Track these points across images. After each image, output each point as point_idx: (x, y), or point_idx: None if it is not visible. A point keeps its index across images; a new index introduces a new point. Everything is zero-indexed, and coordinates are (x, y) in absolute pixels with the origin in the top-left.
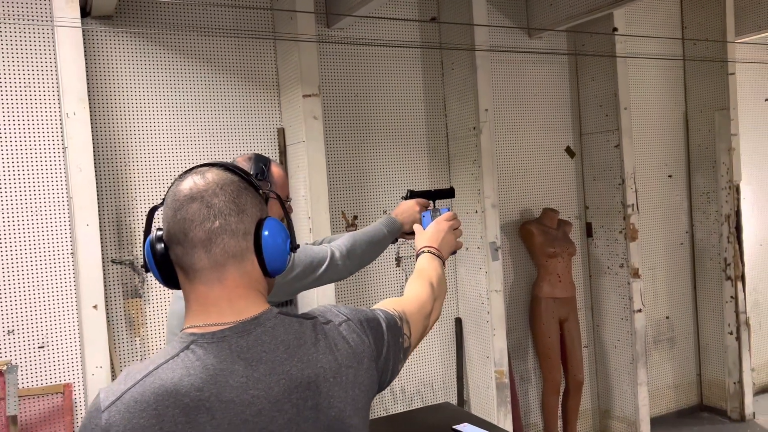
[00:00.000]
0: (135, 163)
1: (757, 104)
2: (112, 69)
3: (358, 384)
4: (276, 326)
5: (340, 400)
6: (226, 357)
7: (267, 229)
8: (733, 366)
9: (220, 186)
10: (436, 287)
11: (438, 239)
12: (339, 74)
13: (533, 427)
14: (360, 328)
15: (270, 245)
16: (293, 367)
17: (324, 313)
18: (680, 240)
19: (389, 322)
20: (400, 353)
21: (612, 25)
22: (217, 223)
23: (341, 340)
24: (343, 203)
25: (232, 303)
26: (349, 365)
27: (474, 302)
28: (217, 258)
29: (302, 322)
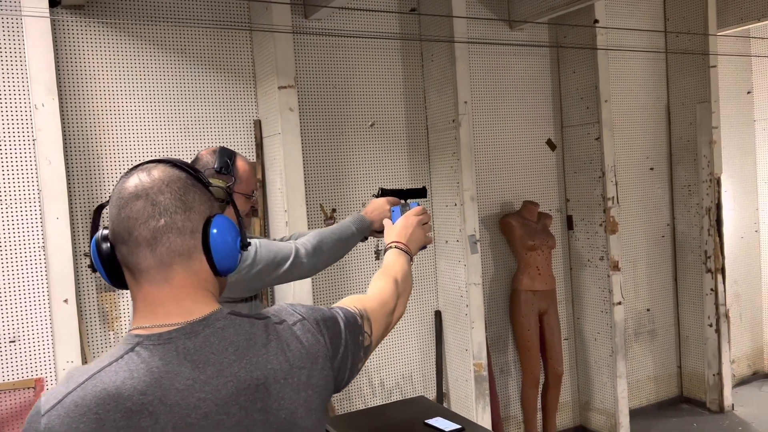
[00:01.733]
0: (107, 155)
1: (739, 97)
2: (83, 60)
3: (311, 385)
4: (225, 327)
5: (292, 401)
6: (172, 359)
7: (216, 226)
8: (712, 358)
9: (166, 183)
10: (400, 284)
11: (406, 234)
12: (317, 66)
13: (513, 419)
14: (315, 328)
15: (219, 243)
16: (242, 368)
17: (278, 313)
18: (661, 232)
19: (348, 320)
20: (360, 351)
21: (593, 17)
22: (162, 221)
23: (294, 340)
24: (321, 196)
25: (180, 303)
26: (302, 366)
27: (453, 295)
28: (162, 257)
29: (254, 323)
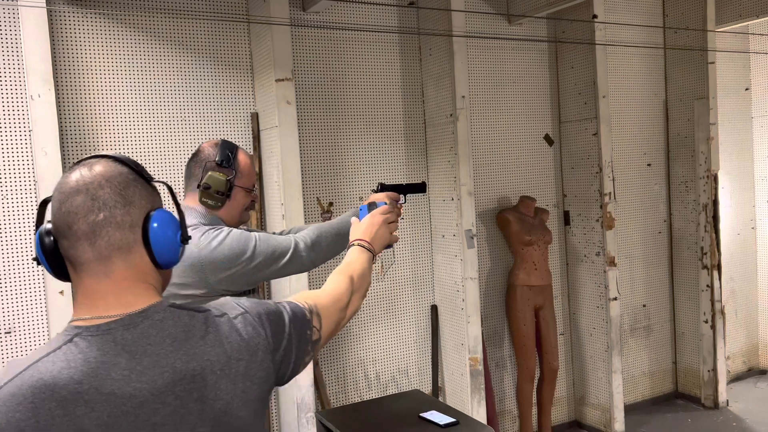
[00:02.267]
0: (103, 146)
1: (737, 93)
2: (80, 50)
3: (249, 376)
4: (164, 319)
5: (228, 392)
6: (109, 350)
7: (156, 221)
8: (707, 354)
9: (106, 178)
10: (355, 281)
11: (370, 233)
12: (315, 59)
13: (508, 414)
14: (257, 321)
15: (159, 237)
16: (178, 359)
17: (221, 306)
18: (658, 228)
19: (296, 315)
20: (308, 345)
21: (592, 12)
22: (101, 215)
23: (234, 333)
24: (318, 190)
25: (120, 296)
26: (240, 358)
27: (449, 290)
28: (101, 251)
29: (193, 315)
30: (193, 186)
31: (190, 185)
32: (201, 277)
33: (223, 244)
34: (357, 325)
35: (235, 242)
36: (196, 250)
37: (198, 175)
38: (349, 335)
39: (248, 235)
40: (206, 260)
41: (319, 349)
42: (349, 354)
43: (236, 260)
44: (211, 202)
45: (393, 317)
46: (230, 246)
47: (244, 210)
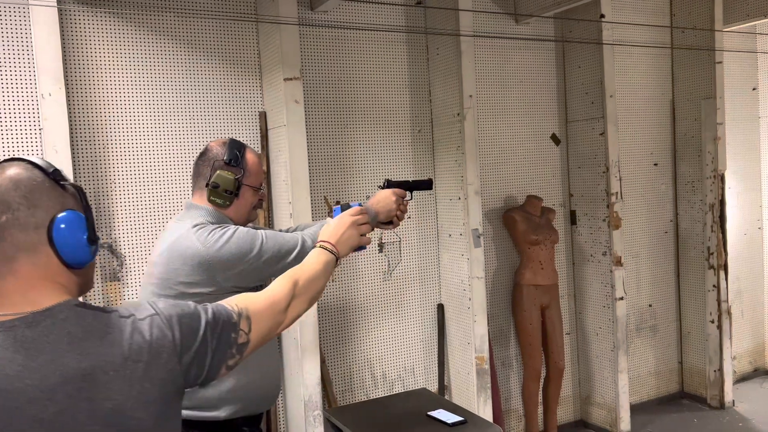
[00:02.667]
0: (113, 145)
1: (744, 93)
2: (90, 49)
3: (149, 378)
4: (68, 318)
5: (121, 393)
6: (9, 346)
7: (63, 222)
8: (714, 354)
9: (14, 182)
10: (300, 285)
11: (336, 235)
12: (322, 58)
13: (513, 413)
14: (165, 323)
15: (65, 238)
16: (72, 359)
17: (133, 307)
18: (664, 228)
19: (216, 318)
20: (231, 348)
21: (599, 12)
22: (4, 217)
23: (137, 334)
24: (325, 188)
25: (26, 294)
26: (138, 359)
27: (456, 289)
28: (6, 251)
29: (98, 315)
30: (201, 184)
31: (198, 184)
32: (209, 275)
33: (230, 243)
34: (364, 324)
35: (242, 240)
36: (203, 248)
37: (206, 173)
38: (356, 334)
39: (255, 232)
40: (214, 258)
41: (251, 352)
42: (356, 352)
43: (244, 258)
44: (219, 201)
45: (399, 316)
46: (237, 244)
47: (252, 208)
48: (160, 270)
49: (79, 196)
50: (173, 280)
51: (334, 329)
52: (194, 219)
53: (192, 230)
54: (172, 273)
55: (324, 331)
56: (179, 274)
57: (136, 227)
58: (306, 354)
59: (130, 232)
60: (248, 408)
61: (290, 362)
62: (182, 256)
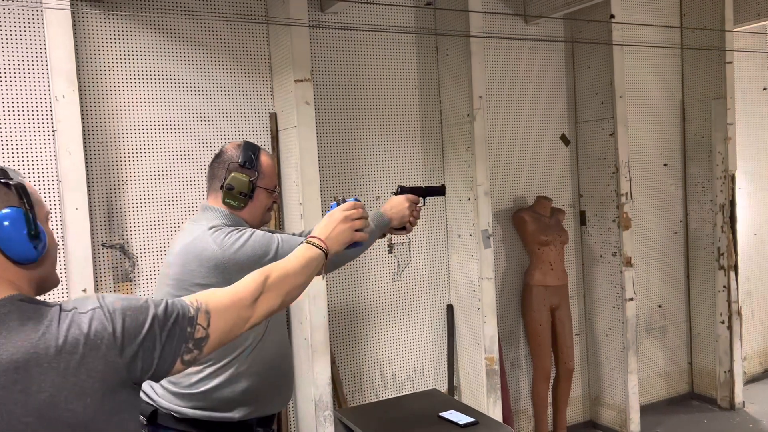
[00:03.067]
0: (126, 146)
1: (755, 93)
2: (103, 51)
3: (85, 370)
4: (10, 312)
5: (54, 385)
6: None
7: (5, 219)
8: (724, 355)
9: None
10: (271, 280)
11: (326, 230)
12: (332, 59)
13: (523, 413)
14: (107, 317)
15: (6, 234)
16: (5, 351)
17: (79, 300)
18: (674, 229)
19: (170, 312)
20: (187, 342)
21: (609, 12)
22: None
23: (75, 328)
24: (335, 189)
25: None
26: (74, 351)
27: (465, 289)
28: None
29: (39, 309)
30: (216, 186)
31: (213, 185)
32: (225, 277)
33: (246, 245)
34: (374, 325)
35: (258, 243)
36: (219, 251)
37: (221, 176)
38: (366, 335)
39: (270, 236)
40: (230, 261)
41: (213, 347)
42: (366, 353)
43: (259, 261)
44: (233, 203)
45: (409, 317)
46: (253, 247)
47: (266, 210)
48: (176, 271)
49: (21, 193)
50: (189, 281)
51: (344, 330)
52: (210, 221)
53: (208, 232)
54: (188, 274)
55: (334, 331)
56: (195, 275)
57: (148, 228)
58: (316, 354)
59: (142, 232)
60: (262, 409)
61: (301, 362)
62: (198, 257)
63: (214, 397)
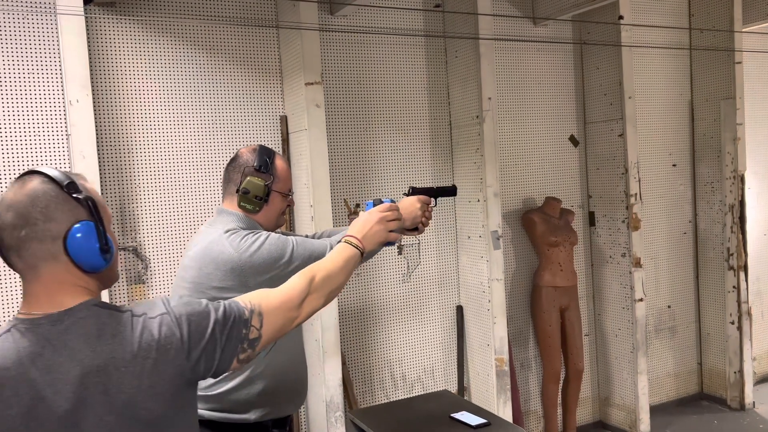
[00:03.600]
0: (138, 149)
1: (764, 93)
2: (115, 56)
3: (158, 372)
4: (87, 317)
5: (132, 386)
6: (37, 341)
7: (76, 233)
8: (734, 355)
9: (31, 198)
10: (316, 282)
11: (363, 230)
12: (342, 62)
13: (533, 414)
14: (174, 322)
15: (77, 247)
16: (87, 355)
17: (147, 306)
18: (683, 229)
19: (228, 315)
20: (243, 343)
21: (617, 14)
22: (23, 232)
23: (147, 333)
24: (345, 191)
25: (51, 296)
26: (147, 356)
27: (475, 290)
28: (28, 260)
29: (113, 315)
30: (231, 190)
31: (228, 189)
32: (241, 280)
33: (262, 249)
34: (383, 326)
35: (274, 246)
36: (236, 254)
37: (236, 179)
38: (376, 336)
39: (286, 239)
40: (246, 264)
41: (264, 346)
42: (376, 354)
43: (275, 264)
44: (249, 207)
45: (419, 318)
46: (269, 250)
47: (281, 214)
48: (193, 274)
49: (91, 207)
50: (206, 284)
51: (355, 331)
52: (225, 224)
53: (224, 236)
54: (205, 278)
55: (345, 333)
56: (212, 279)
57: (160, 231)
58: (327, 356)
59: (155, 235)
60: (277, 411)
61: (312, 364)
62: (215, 261)
63: (231, 399)
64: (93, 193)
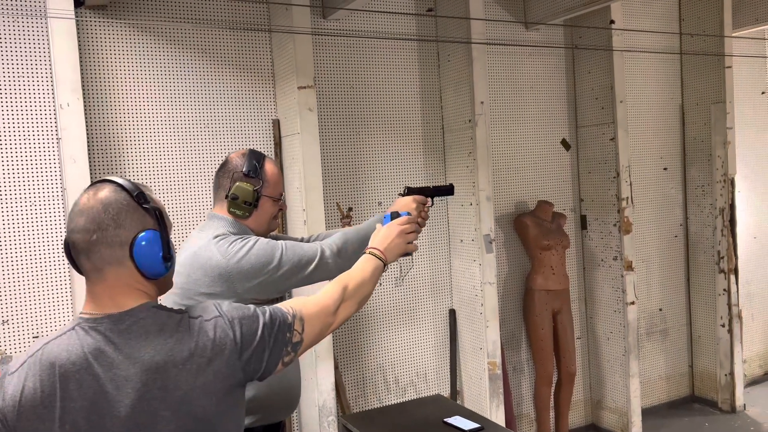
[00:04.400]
0: (130, 153)
1: (753, 97)
2: (106, 59)
3: (212, 372)
4: (146, 318)
5: (187, 384)
6: (100, 340)
7: (143, 240)
8: (724, 358)
9: (104, 204)
10: (349, 290)
11: (385, 242)
12: (335, 66)
13: (525, 417)
14: (228, 324)
15: (142, 254)
16: (147, 353)
17: (201, 309)
18: (674, 233)
19: (273, 320)
20: (287, 346)
21: (609, 18)
22: (95, 236)
23: (203, 334)
24: (337, 195)
25: (113, 298)
26: (203, 355)
27: (468, 294)
28: (96, 263)
29: (171, 316)
30: (221, 196)
31: (218, 195)
32: (229, 286)
33: (249, 254)
34: (376, 330)
35: (262, 251)
36: (224, 260)
37: (226, 185)
38: (369, 340)
39: (275, 243)
40: (234, 270)
41: (304, 350)
42: (369, 358)
43: (263, 269)
44: (239, 212)
45: (412, 322)
46: (257, 255)
47: (272, 218)
48: (182, 280)
49: (157, 216)
50: (194, 290)
51: (347, 335)
52: (215, 229)
53: (213, 241)
54: (193, 284)
55: (337, 337)
56: (200, 284)
57: None
58: (320, 360)
59: None
60: (269, 417)
61: (304, 368)
62: (203, 266)
63: None
64: (159, 204)
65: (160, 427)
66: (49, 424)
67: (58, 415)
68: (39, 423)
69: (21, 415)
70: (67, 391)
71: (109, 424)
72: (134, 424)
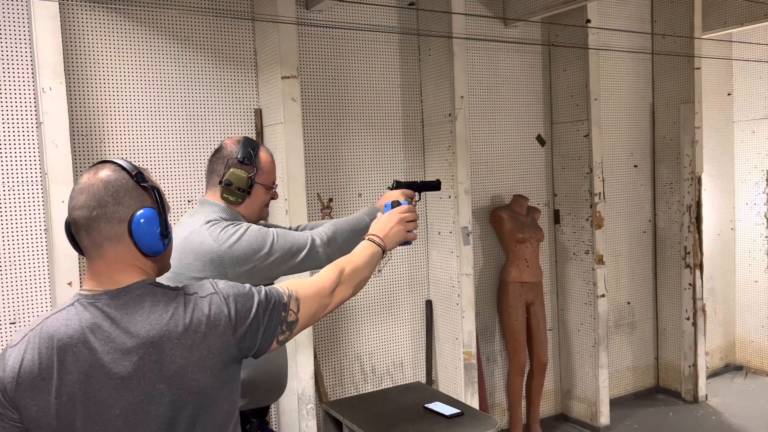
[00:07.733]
0: (112, 139)
1: (720, 98)
2: (89, 45)
3: (206, 346)
4: (143, 294)
5: (183, 358)
6: (98, 315)
7: (141, 217)
8: (688, 350)
9: (104, 182)
10: (345, 273)
11: (385, 229)
12: (317, 56)
13: (498, 406)
14: (223, 301)
15: (140, 231)
16: (143, 328)
17: (197, 287)
18: (643, 228)
19: (269, 298)
20: (282, 325)
21: (585, 17)
22: (95, 212)
23: (198, 310)
24: (318, 185)
25: (111, 274)
26: (197, 330)
27: (445, 285)
28: (95, 239)
29: (167, 293)
30: (214, 181)
31: (211, 180)
32: (220, 271)
33: (241, 240)
34: (354, 320)
35: (253, 238)
36: (215, 245)
37: (220, 171)
38: (346, 329)
39: (266, 231)
40: (225, 255)
41: (300, 330)
42: (346, 347)
43: (254, 256)
44: (231, 198)
45: (389, 312)
46: (248, 241)
47: (264, 206)
48: (173, 264)
49: (156, 195)
50: (185, 274)
51: (325, 324)
52: (207, 215)
53: (205, 227)
54: (185, 268)
55: (316, 325)
56: (191, 268)
57: None
58: (300, 348)
59: None
60: (257, 401)
61: None
62: (195, 252)
63: None
64: (157, 184)
65: (155, 400)
66: (46, 395)
67: (55, 387)
68: (37, 394)
69: (20, 386)
70: (64, 364)
71: (104, 395)
72: (130, 396)
